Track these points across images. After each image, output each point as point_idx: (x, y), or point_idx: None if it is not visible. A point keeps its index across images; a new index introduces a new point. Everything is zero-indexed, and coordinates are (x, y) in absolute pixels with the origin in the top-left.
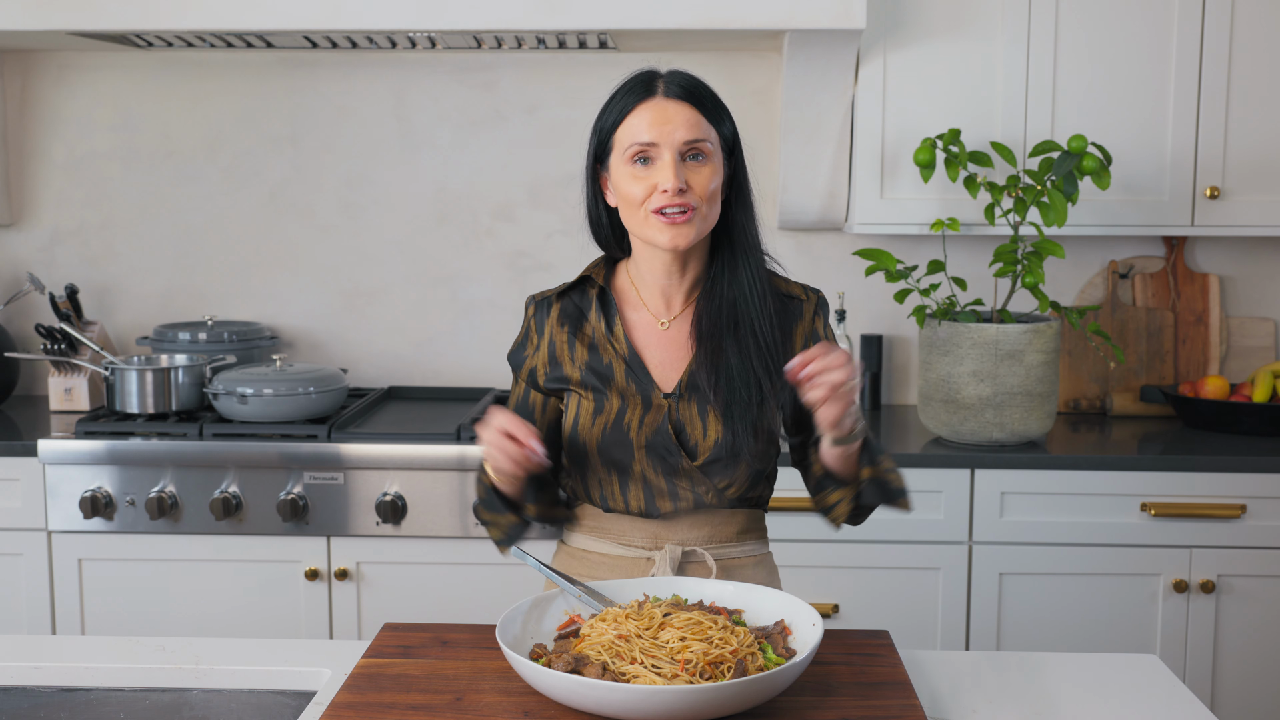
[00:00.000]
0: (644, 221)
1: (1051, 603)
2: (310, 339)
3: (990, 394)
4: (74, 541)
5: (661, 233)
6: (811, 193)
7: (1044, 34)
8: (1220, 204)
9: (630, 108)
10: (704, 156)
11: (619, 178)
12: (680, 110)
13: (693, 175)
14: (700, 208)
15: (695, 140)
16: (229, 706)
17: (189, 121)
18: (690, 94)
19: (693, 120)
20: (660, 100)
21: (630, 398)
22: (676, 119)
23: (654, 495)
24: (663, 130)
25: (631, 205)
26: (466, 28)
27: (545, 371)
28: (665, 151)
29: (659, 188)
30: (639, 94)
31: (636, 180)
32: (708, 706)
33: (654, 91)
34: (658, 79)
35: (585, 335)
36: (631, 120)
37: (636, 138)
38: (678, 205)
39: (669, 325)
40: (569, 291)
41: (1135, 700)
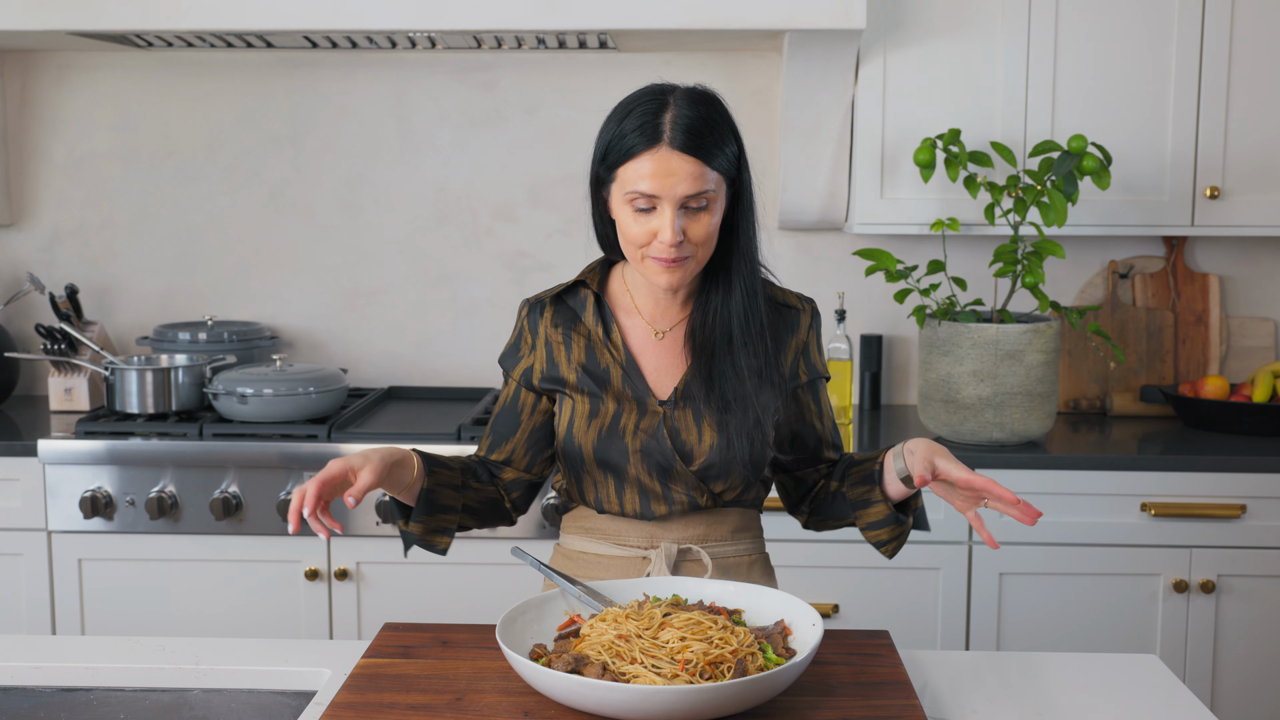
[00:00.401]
0: (640, 262)
1: (1051, 603)
2: (310, 339)
3: (990, 394)
4: (74, 541)
5: (657, 276)
6: (811, 193)
7: (1044, 34)
8: (1220, 204)
9: (635, 152)
10: (705, 204)
11: (619, 212)
12: (683, 164)
13: (691, 224)
14: (696, 253)
15: (695, 194)
16: (229, 706)
17: (189, 121)
18: (696, 144)
19: (695, 174)
20: (665, 152)
21: (626, 403)
22: (679, 173)
23: (649, 498)
24: (664, 184)
25: (629, 243)
26: (466, 28)
27: (542, 371)
28: (666, 205)
29: (657, 237)
30: (645, 140)
31: (636, 223)
32: (708, 706)
33: (659, 139)
34: (664, 123)
35: (580, 338)
36: (634, 166)
37: (637, 187)
38: (673, 256)
39: (663, 336)
40: (563, 294)
41: (1135, 700)
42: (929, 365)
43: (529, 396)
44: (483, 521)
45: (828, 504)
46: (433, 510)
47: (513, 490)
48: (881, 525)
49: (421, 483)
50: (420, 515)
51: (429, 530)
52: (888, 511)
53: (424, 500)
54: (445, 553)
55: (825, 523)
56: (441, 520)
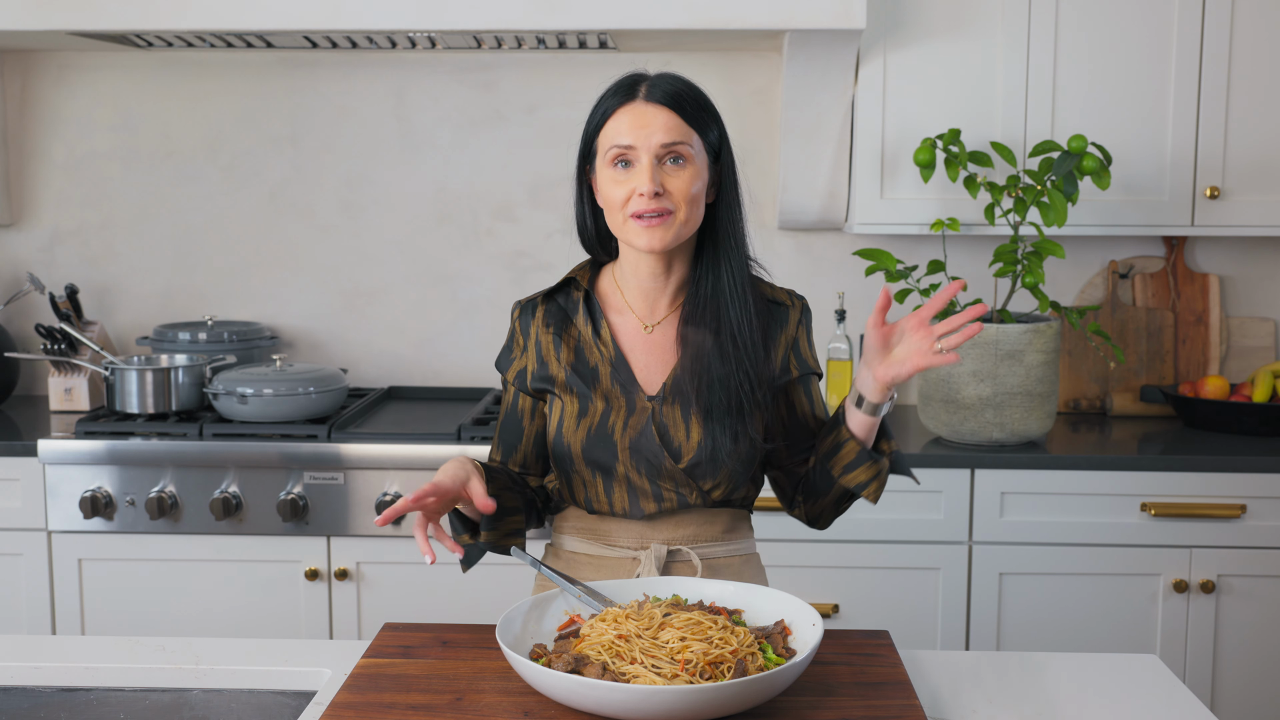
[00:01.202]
0: (623, 225)
1: (1051, 603)
2: (310, 339)
3: (990, 394)
4: (74, 541)
5: (639, 236)
6: (811, 193)
7: (1044, 34)
8: (1220, 204)
9: (611, 111)
10: (683, 160)
11: (601, 180)
12: (659, 114)
13: (670, 178)
14: (678, 211)
15: (673, 144)
16: (229, 706)
17: (189, 121)
18: (672, 98)
19: (671, 124)
20: (640, 104)
21: (615, 400)
22: (654, 123)
23: (638, 496)
24: (640, 133)
25: (612, 208)
26: (466, 28)
27: (534, 371)
28: (643, 155)
29: (637, 190)
30: (620, 97)
31: (616, 184)
32: (708, 706)
33: (635, 95)
34: (641, 83)
35: (571, 337)
36: (612, 123)
37: (615, 140)
38: (654, 209)
39: (653, 329)
40: (553, 294)
41: (1135, 700)
42: None
43: (526, 401)
44: (531, 524)
45: (812, 481)
46: (502, 515)
47: (539, 495)
48: (856, 465)
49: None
50: (493, 523)
51: (502, 535)
52: (858, 449)
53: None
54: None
55: (818, 504)
56: (511, 523)
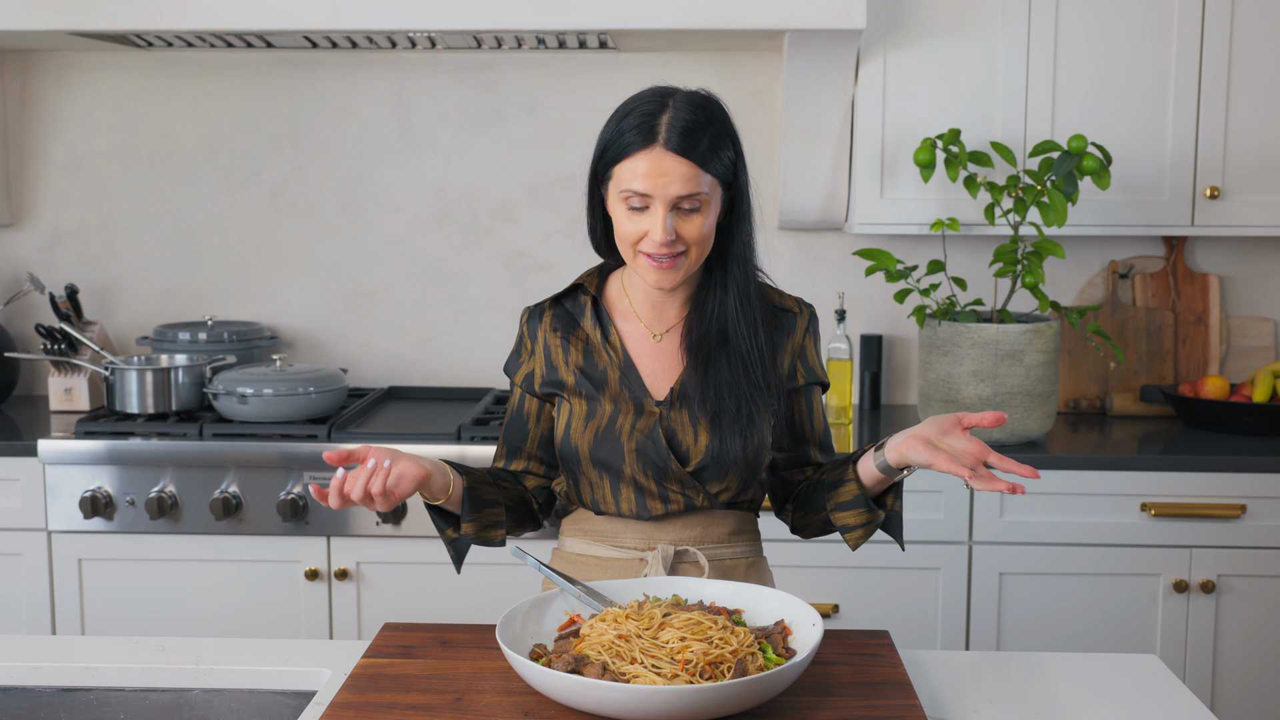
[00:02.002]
0: (634, 259)
1: (1051, 603)
2: (310, 339)
3: (990, 394)
4: (74, 541)
5: (649, 274)
6: (811, 193)
7: (1044, 34)
8: (1220, 204)
9: (630, 151)
10: (698, 207)
11: (614, 209)
12: (677, 166)
13: (683, 224)
14: (689, 252)
15: (688, 195)
16: (229, 706)
17: (189, 121)
18: (690, 146)
19: (688, 175)
20: (659, 152)
21: (623, 404)
22: (672, 174)
23: (645, 497)
24: (657, 184)
25: (624, 241)
26: (466, 28)
27: (542, 375)
28: (658, 205)
29: (649, 236)
30: (641, 139)
31: (630, 221)
32: (708, 706)
33: (655, 139)
34: (660, 125)
35: (579, 341)
36: (629, 165)
37: (631, 185)
38: (666, 253)
39: (661, 338)
40: (561, 299)
41: (1135, 700)
42: (929, 365)
43: (533, 403)
44: (516, 520)
45: (807, 495)
46: (479, 507)
47: (539, 495)
48: (850, 507)
49: (461, 483)
50: (470, 515)
51: (482, 527)
52: (858, 492)
53: (469, 499)
54: (504, 544)
55: (806, 518)
56: (490, 515)
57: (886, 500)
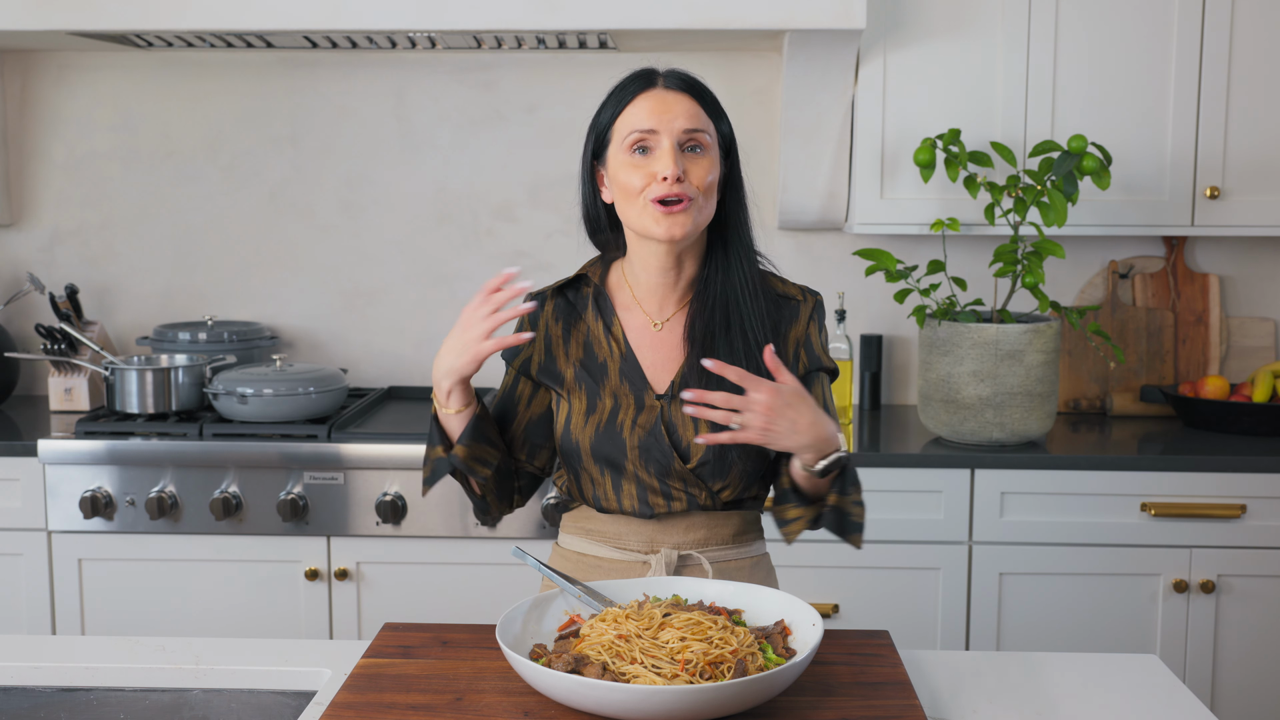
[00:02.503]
0: (641, 211)
1: (1051, 603)
2: (310, 339)
3: (990, 394)
4: (74, 541)
5: (658, 223)
6: (811, 193)
7: (1044, 34)
8: (1220, 204)
9: (630, 98)
10: (702, 149)
11: (617, 168)
12: (680, 100)
13: (691, 165)
14: (697, 199)
15: (694, 130)
16: (229, 706)
17: (189, 121)
18: (690, 87)
19: (692, 111)
20: (660, 90)
21: (623, 398)
22: (676, 108)
23: (647, 494)
24: (662, 118)
25: (629, 195)
26: (466, 28)
27: (539, 363)
28: (664, 139)
29: (658, 175)
30: (639, 85)
31: (635, 169)
32: (708, 706)
33: (654, 83)
34: (657, 73)
35: (580, 333)
36: (631, 110)
37: (636, 125)
38: (675, 193)
39: (662, 327)
40: (564, 289)
41: (1135, 700)
42: (929, 365)
43: (526, 386)
44: (499, 487)
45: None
46: (478, 439)
47: (521, 477)
48: (781, 501)
49: (475, 409)
50: (467, 440)
51: (472, 457)
52: (785, 486)
53: (473, 427)
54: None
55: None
56: (485, 451)
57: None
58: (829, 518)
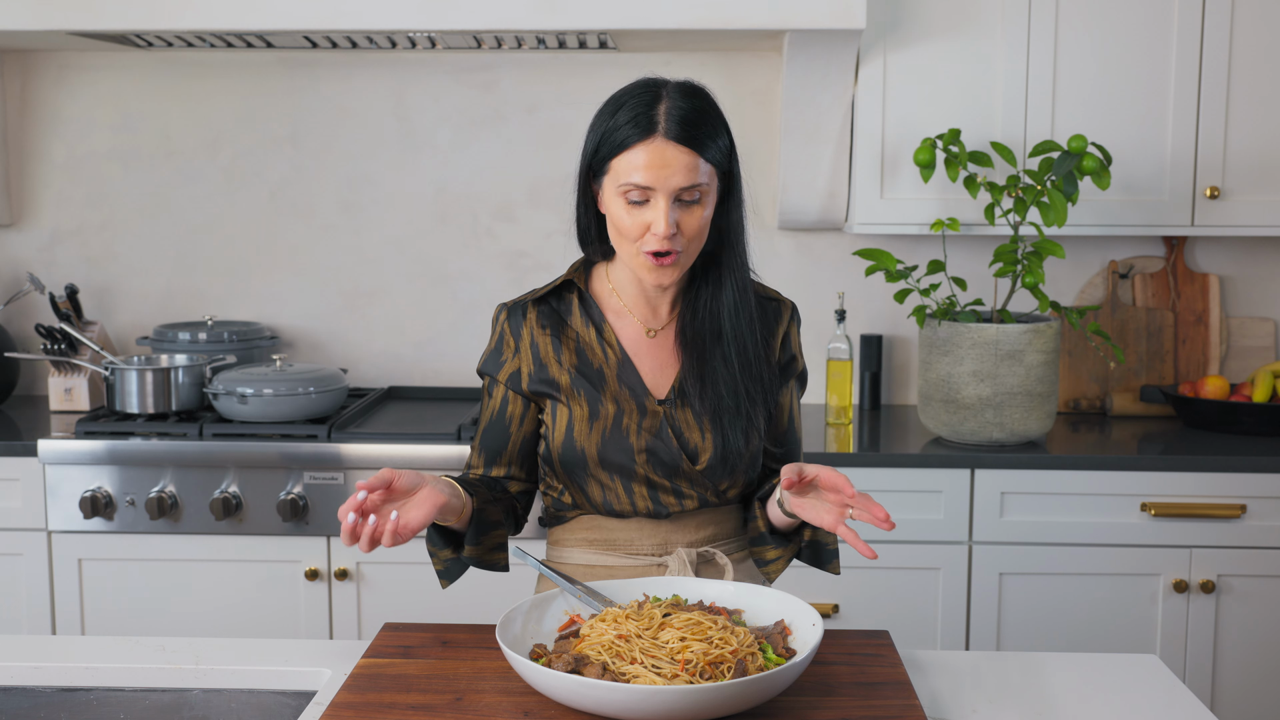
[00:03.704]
0: (634, 257)
1: (1051, 603)
2: (310, 339)
3: (990, 394)
4: (74, 541)
5: (650, 273)
6: (811, 193)
7: (1044, 34)
8: (1220, 204)
9: (629, 143)
10: (698, 198)
11: (611, 205)
12: (678, 156)
13: (684, 217)
14: (686, 249)
15: (690, 187)
16: (229, 706)
17: (189, 121)
18: (690, 135)
19: (690, 165)
20: (660, 143)
21: (625, 403)
22: (674, 164)
23: (659, 494)
24: (659, 174)
25: (623, 238)
26: (466, 28)
27: (530, 373)
28: (660, 198)
29: (651, 230)
30: (640, 131)
31: (630, 215)
32: (708, 706)
33: (654, 130)
34: (658, 114)
35: (570, 339)
36: (629, 157)
37: (632, 179)
38: (667, 249)
39: (656, 334)
40: (545, 297)
41: (1135, 700)
42: (929, 365)
43: (518, 405)
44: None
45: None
46: (485, 529)
47: (521, 500)
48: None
49: (471, 505)
50: (478, 536)
51: (487, 550)
52: (761, 530)
53: (476, 521)
54: (507, 568)
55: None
56: (495, 537)
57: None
58: (806, 553)
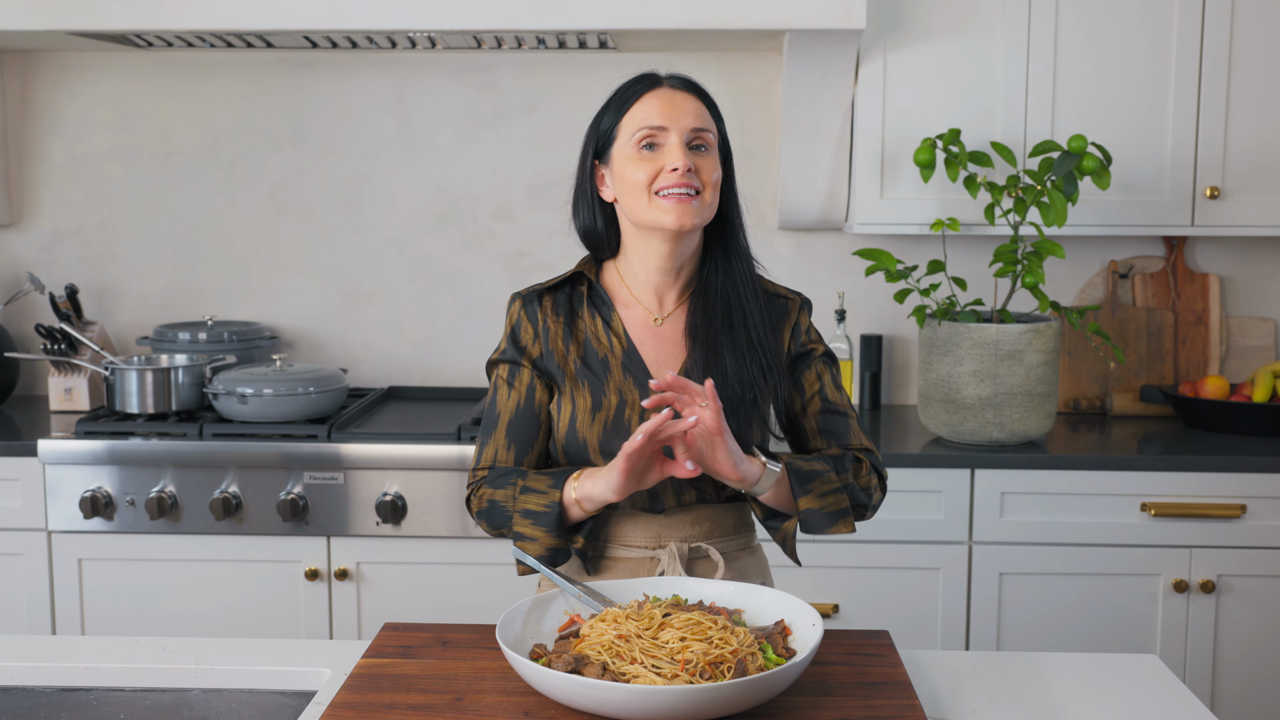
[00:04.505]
0: (649, 204)
1: (1051, 603)
2: (310, 339)
3: (990, 394)
4: (74, 541)
5: (668, 213)
6: (811, 193)
7: (1044, 34)
8: (1220, 204)
9: (637, 96)
10: (707, 148)
11: (623, 164)
12: (687, 99)
13: (699, 162)
14: (705, 193)
15: (701, 129)
16: (229, 706)
17: (189, 121)
18: (694, 87)
19: (699, 110)
20: (667, 90)
21: (628, 394)
22: (685, 106)
23: (657, 488)
24: (671, 115)
25: (637, 189)
26: (466, 28)
27: (545, 356)
28: (674, 135)
29: (667, 168)
30: (645, 85)
31: (643, 163)
32: (708, 706)
33: (659, 83)
34: (660, 75)
35: (579, 330)
36: (639, 107)
37: (646, 122)
38: (685, 186)
39: (662, 322)
40: (557, 287)
41: (1135, 700)
42: (929, 365)
43: (544, 391)
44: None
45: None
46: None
47: None
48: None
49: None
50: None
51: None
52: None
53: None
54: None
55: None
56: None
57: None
58: (812, 521)
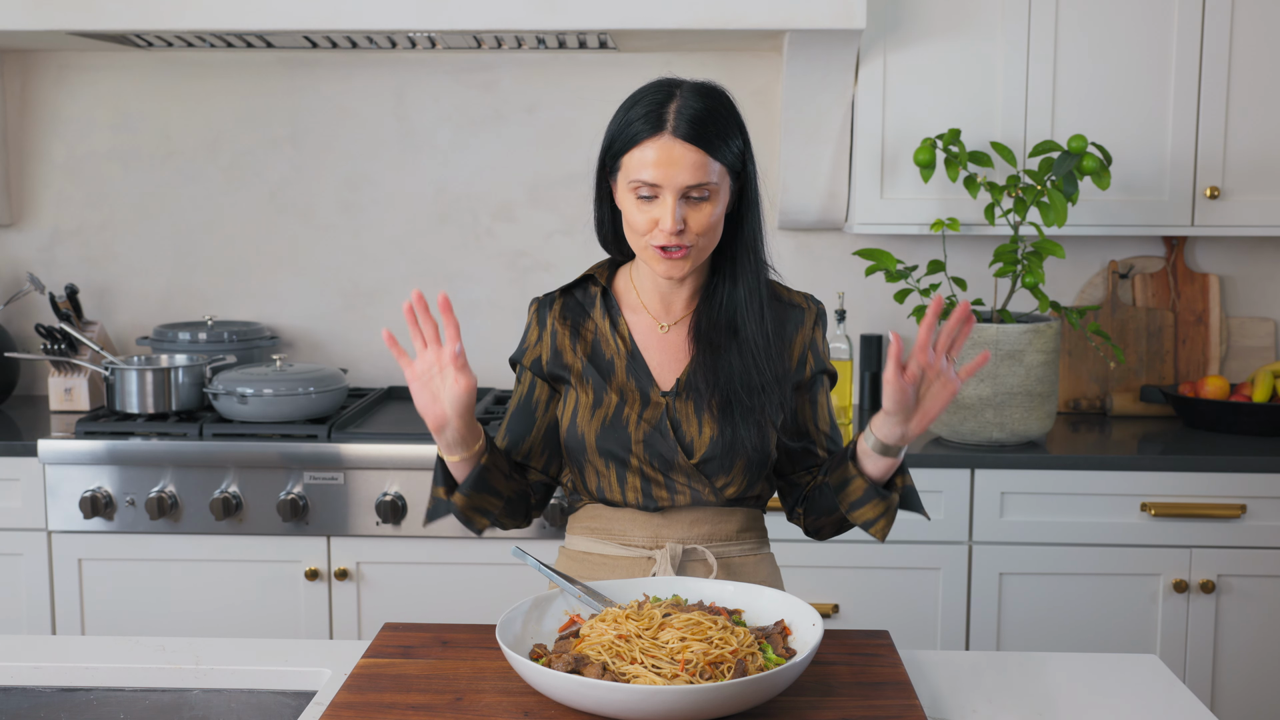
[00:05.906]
0: (644, 250)
1: (1051, 603)
2: (310, 339)
3: (990, 394)
4: (74, 541)
5: (658, 265)
6: (811, 193)
7: (1044, 34)
8: (1220, 204)
9: (639, 139)
10: (707, 195)
11: (623, 199)
12: (686, 154)
13: (692, 214)
14: (697, 244)
15: (697, 184)
16: (229, 706)
17: (189, 121)
18: (698, 134)
19: (697, 163)
20: (668, 140)
21: (629, 394)
22: (681, 162)
23: (651, 487)
24: (666, 173)
25: (633, 231)
26: (466, 28)
27: (548, 359)
28: (667, 194)
29: (659, 225)
30: (650, 128)
31: (639, 211)
32: (708, 706)
33: (663, 127)
34: (668, 113)
35: (587, 331)
36: (638, 154)
37: (640, 175)
38: (674, 244)
39: (669, 329)
40: (571, 289)
41: (1135, 700)
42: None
43: (543, 390)
44: (510, 514)
45: (815, 498)
46: (480, 489)
47: (537, 490)
48: (863, 503)
49: (480, 458)
50: (468, 489)
51: (471, 507)
52: (865, 485)
53: (476, 476)
54: (481, 533)
55: (819, 520)
56: (487, 501)
57: (896, 481)
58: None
